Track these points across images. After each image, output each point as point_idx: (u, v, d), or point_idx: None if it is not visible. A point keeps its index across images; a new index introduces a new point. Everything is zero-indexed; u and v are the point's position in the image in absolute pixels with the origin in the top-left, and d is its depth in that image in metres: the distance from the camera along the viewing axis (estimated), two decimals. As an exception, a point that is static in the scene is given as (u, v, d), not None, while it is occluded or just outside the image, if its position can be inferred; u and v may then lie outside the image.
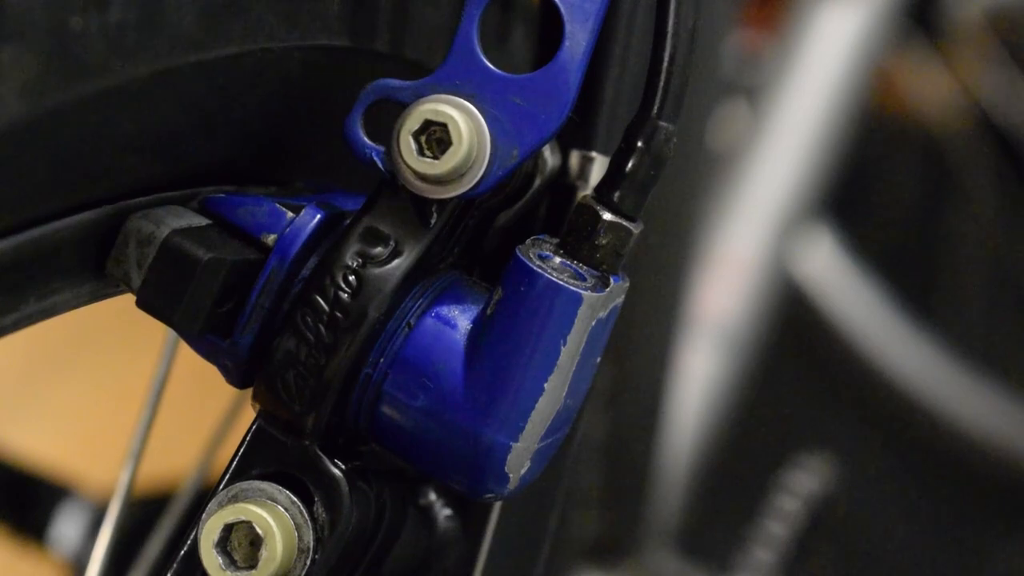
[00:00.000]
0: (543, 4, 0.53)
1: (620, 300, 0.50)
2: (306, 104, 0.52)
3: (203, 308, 0.47)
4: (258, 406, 0.49)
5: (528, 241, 0.49)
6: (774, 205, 1.38)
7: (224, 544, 0.47)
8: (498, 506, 0.56)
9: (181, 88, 0.46)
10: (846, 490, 1.34)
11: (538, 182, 0.54)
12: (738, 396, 1.34)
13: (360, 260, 0.48)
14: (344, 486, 0.48)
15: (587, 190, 0.53)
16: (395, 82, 0.49)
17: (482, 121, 0.47)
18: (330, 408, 0.48)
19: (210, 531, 0.47)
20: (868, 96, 1.51)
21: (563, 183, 0.55)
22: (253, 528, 0.46)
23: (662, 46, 0.49)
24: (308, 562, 0.47)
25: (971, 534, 1.71)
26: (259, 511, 0.47)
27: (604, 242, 0.49)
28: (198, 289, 0.46)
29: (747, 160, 1.40)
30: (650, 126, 0.49)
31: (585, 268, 0.49)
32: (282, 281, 0.48)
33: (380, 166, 0.48)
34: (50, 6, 0.41)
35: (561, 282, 0.47)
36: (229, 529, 0.47)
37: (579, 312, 0.47)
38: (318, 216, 0.48)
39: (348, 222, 0.49)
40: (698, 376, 1.29)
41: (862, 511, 1.64)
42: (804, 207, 1.41)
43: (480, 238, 0.53)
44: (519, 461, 0.48)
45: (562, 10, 0.48)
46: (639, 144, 0.49)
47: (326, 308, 0.48)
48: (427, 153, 0.47)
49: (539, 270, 0.47)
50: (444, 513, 0.55)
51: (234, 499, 0.47)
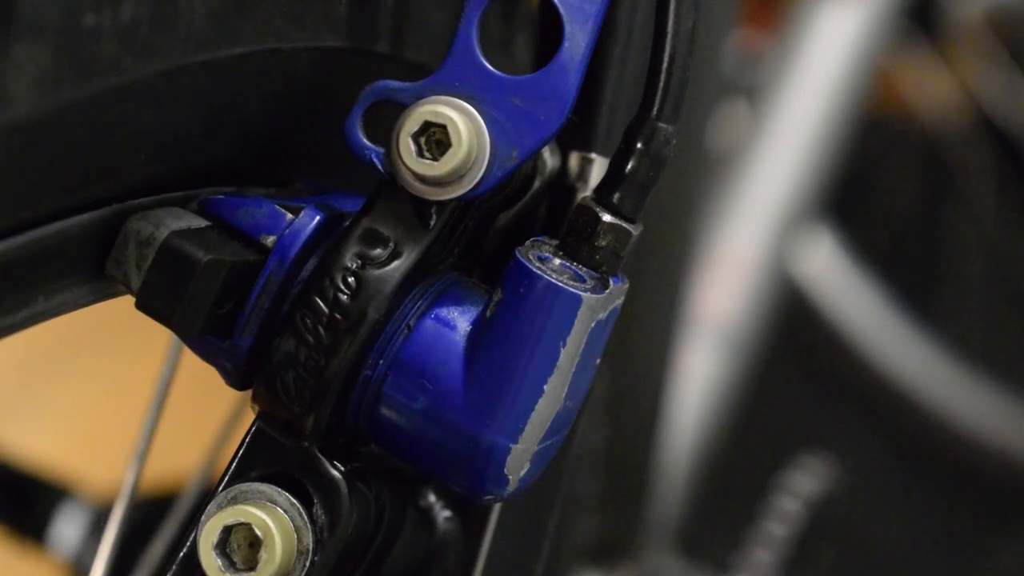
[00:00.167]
0: (543, 5, 0.53)
1: (620, 301, 0.50)
2: (308, 105, 0.52)
3: (202, 309, 0.47)
4: (257, 407, 0.49)
5: (528, 242, 0.49)
6: (774, 205, 1.38)
7: (223, 546, 0.47)
8: (498, 507, 0.56)
9: (190, 87, 0.46)
10: (846, 490, 1.34)
11: (538, 183, 0.54)
12: (738, 396, 1.33)
13: (359, 261, 0.48)
14: (343, 488, 0.48)
15: (587, 191, 0.53)
16: (395, 83, 0.49)
17: (481, 122, 0.47)
18: (329, 409, 0.48)
19: (209, 533, 0.47)
20: (868, 96, 1.50)
21: (563, 184, 0.55)
22: (252, 530, 0.46)
23: (662, 46, 0.49)
24: (307, 564, 0.47)
25: (971, 534, 1.71)
26: (258, 513, 0.47)
27: (604, 243, 0.49)
28: (197, 290, 0.46)
29: (747, 160, 1.40)
30: (650, 127, 0.49)
31: (585, 269, 0.49)
32: (281, 282, 0.48)
33: (379, 167, 0.48)
34: (64, 3, 0.41)
35: (560, 284, 0.47)
36: (228, 531, 0.47)
37: (579, 313, 0.47)
38: (317, 217, 0.48)
39: (347, 223, 0.49)
40: (698, 376, 1.28)
41: (862, 511, 1.64)
42: (804, 207, 1.41)
43: (480, 239, 0.53)
44: (519, 462, 0.48)
45: (562, 11, 0.48)
46: (639, 145, 0.49)
47: (325, 309, 0.48)
48: (426, 154, 0.47)
49: (539, 272, 0.47)
50: (444, 514, 0.54)
51: (233, 501, 0.47)
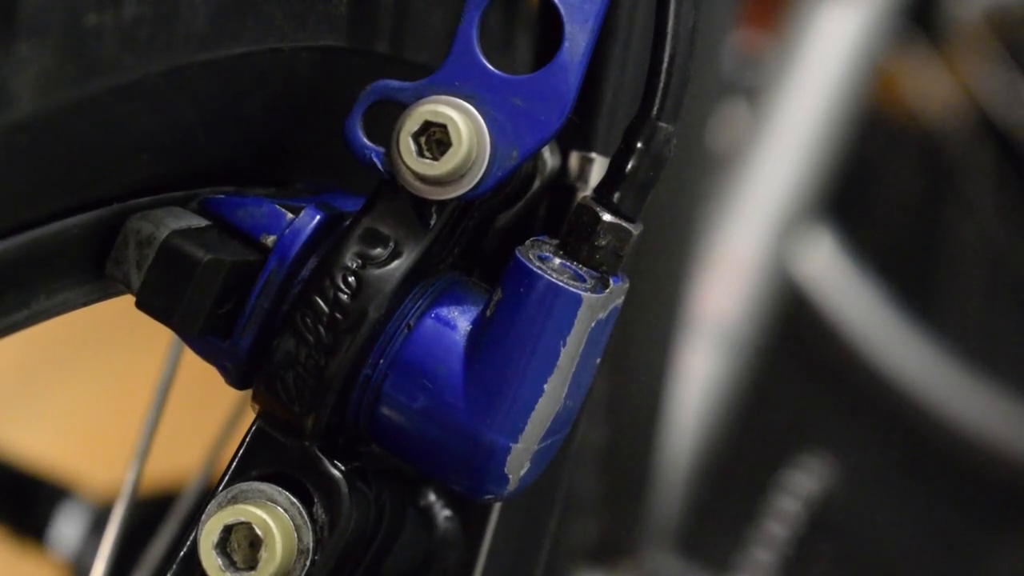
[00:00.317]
0: (543, 5, 0.53)
1: (620, 301, 0.50)
2: (309, 105, 0.52)
3: (202, 309, 0.47)
4: (258, 407, 0.49)
5: (528, 242, 0.49)
6: (774, 205, 1.38)
7: (224, 545, 0.47)
8: (498, 507, 0.56)
9: (190, 87, 0.46)
10: (846, 490, 1.34)
11: (538, 183, 0.54)
12: (738, 396, 1.34)
13: (360, 261, 0.48)
14: (344, 487, 0.48)
15: (587, 191, 0.53)
16: (395, 83, 0.48)
17: (481, 122, 0.47)
18: (330, 409, 0.48)
19: (209, 532, 0.47)
20: (868, 96, 1.50)
21: (563, 184, 0.55)
22: (253, 529, 0.46)
23: (662, 46, 0.49)
24: (307, 563, 0.47)
25: (971, 534, 1.71)
26: (258, 512, 0.47)
27: (604, 243, 0.49)
28: (197, 290, 0.46)
29: (747, 160, 1.40)
30: (650, 127, 0.49)
31: (585, 269, 0.49)
32: (281, 282, 0.48)
33: (380, 167, 0.48)
34: (66, 2, 0.41)
35: (561, 283, 0.47)
36: (228, 530, 0.47)
37: (579, 313, 0.47)
38: (317, 217, 0.48)
39: (348, 223, 0.49)
40: (698, 376, 1.28)
41: (862, 511, 1.64)
42: (804, 207, 1.41)
43: (480, 239, 0.53)
44: (519, 462, 0.48)
45: (562, 11, 0.48)
46: (639, 145, 0.49)
47: (326, 309, 0.48)
48: (427, 154, 0.47)
49: (539, 271, 0.47)
50: (444, 514, 0.54)
51: (233, 500, 0.47)
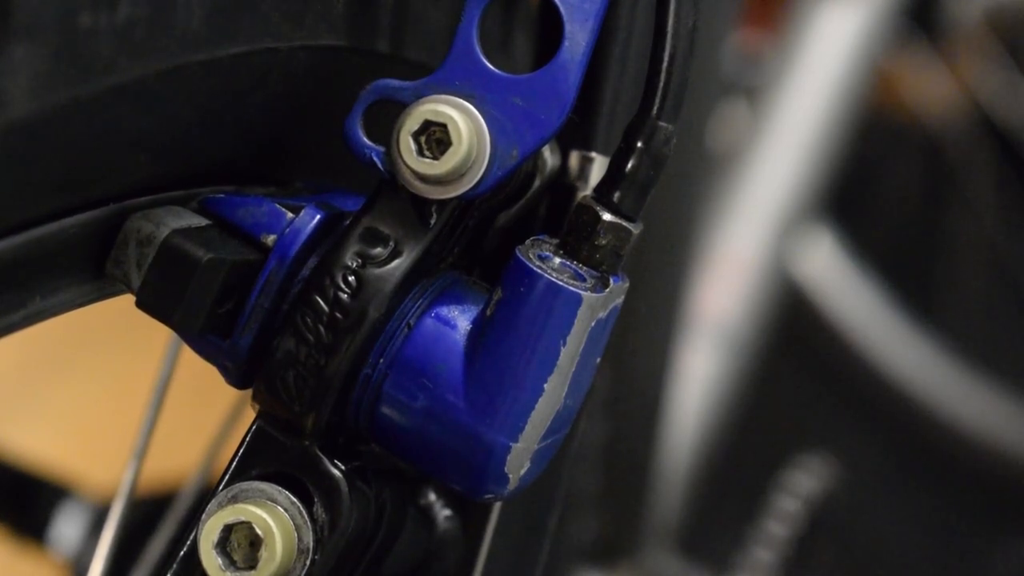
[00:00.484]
0: (542, 4, 0.53)
1: (620, 300, 0.50)
2: (308, 104, 0.52)
3: (202, 308, 0.47)
4: (258, 406, 0.49)
5: (528, 241, 0.49)
6: (774, 205, 1.38)
7: (224, 545, 0.47)
8: (498, 506, 0.56)
9: (187, 87, 0.46)
10: (846, 490, 1.34)
11: (538, 182, 0.54)
12: (738, 396, 1.34)
13: (360, 260, 0.48)
14: (344, 487, 0.48)
15: (587, 190, 0.53)
16: (395, 82, 0.49)
17: (482, 121, 0.47)
18: (330, 408, 0.48)
19: (210, 532, 0.47)
20: (868, 96, 1.50)
21: (563, 183, 0.55)
22: (253, 529, 0.46)
23: (662, 46, 0.49)
24: (308, 563, 0.47)
25: (971, 534, 1.71)
26: (259, 512, 0.47)
27: (604, 242, 0.49)
28: (197, 289, 0.46)
29: (747, 160, 1.40)
30: (650, 126, 0.49)
31: (585, 268, 0.49)
32: (282, 281, 0.48)
33: (380, 166, 0.48)
34: (60, 3, 0.41)
35: (561, 283, 0.47)
36: (229, 530, 0.47)
37: (579, 313, 0.47)
38: (318, 216, 0.48)
39: (348, 222, 0.49)
40: (698, 376, 1.28)
41: (862, 511, 1.64)
42: (804, 207, 1.41)
43: (480, 238, 0.53)
44: (519, 461, 0.48)
45: (562, 10, 0.48)
46: (639, 144, 0.49)
47: (326, 308, 0.48)
48: (427, 153, 0.47)
49: (539, 271, 0.47)
50: (444, 513, 0.54)
51: (234, 500, 0.47)
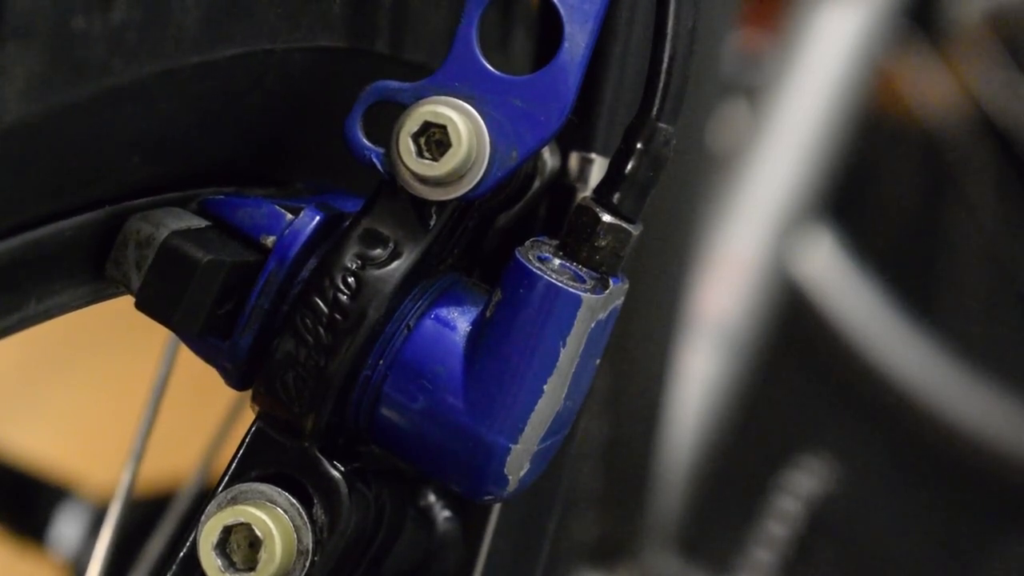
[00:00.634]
0: (542, 5, 0.53)
1: (620, 301, 0.50)
2: (307, 105, 0.52)
3: (202, 310, 0.47)
4: (257, 408, 0.49)
5: (527, 243, 0.49)
6: (774, 205, 1.38)
7: (223, 546, 0.47)
8: (498, 507, 0.56)
9: (183, 89, 0.46)
10: (846, 490, 1.34)
11: (537, 183, 0.54)
12: (738, 396, 1.33)
13: (359, 262, 0.48)
14: (343, 488, 0.48)
15: (587, 191, 0.53)
16: (394, 83, 0.48)
17: (481, 123, 0.47)
18: (329, 409, 0.48)
19: (209, 533, 0.47)
20: (868, 96, 1.50)
21: (563, 184, 0.55)
22: (252, 530, 0.46)
23: (662, 47, 0.49)
24: (307, 564, 0.47)
25: (971, 534, 1.71)
26: (258, 513, 0.47)
27: (603, 243, 0.49)
28: (197, 291, 0.46)
29: (747, 160, 1.40)
30: (649, 127, 0.49)
31: (584, 270, 0.49)
32: (281, 283, 0.48)
33: (379, 168, 0.48)
34: (54, 6, 0.41)
35: (560, 284, 0.47)
36: (228, 531, 0.47)
37: (578, 314, 0.47)
38: (317, 218, 0.48)
39: (347, 224, 0.49)
40: (698, 376, 1.28)
41: (862, 511, 1.64)
42: (804, 207, 1.41)
43: (480, 239, 0.53)
44: (519, 463, 0.48)
45: (561, 11, 0.48)
46: (638, 145, 0.49)
47: (325, 310, 0.48)
48: (426, 155, 0.47)
49: (538, 272, 0.47)
50: (444, 514, 0.54)
51: (233, 501, 0.47)
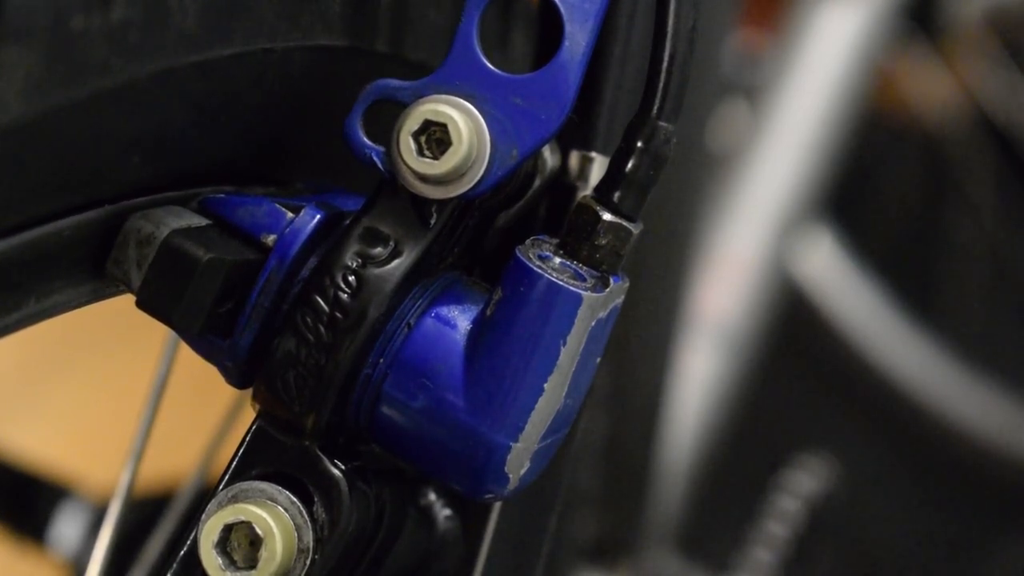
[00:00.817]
0: (542, 4, 0.53)
1: (620, 300, 0.50)
2: (306, 104, 0.52)
3: (203, 308, 0.47)
4: (258, 406, 0.49)
5: (528, 241, 0.49)
6: (774, 205, 1.38)
7: (224, 544, 0.47)
8: (498, 506, 0.56)
9: (182, 88, 0.46)
10: (846, 490, 1.34)
11: (538, 182, 0.54)
12: (738, 396, 1.33)
13: (360, 260, 0.48)
14: (344, 487, 0.48)
15: (587, 190, 0.53)
16: (395, 82, 0.49)
17: (482, 121, 0.47)
18: (330, 408, 0.48)
19: (210, 531, 0.47)
20: (868, 96, 1.50)
21: (563, 183, 0.55)
22: (253, 528, 0.46)
23: (662, 46, 0.49)
24: (308, 562, 0.47)
25: (971, 534, 1.71)
26: (259, 511, 0.47)
27: (604, 242, 0.49)
28: (198, 289, 0.46)
29: (747, 160, 1.40)
30: (650, 126, 0.49)
31: (585, 268, 0.49)
32: (282, 281, 0.48)
33: (380, 166, 0.48)
34: (52, 5, 0.41)
35: (561, 282, 0.47)
36: (229, 529, 0.47)
37: (579, 312, 0.47)
38: (318, 216, 0.48)
39: (348, 222, 0.49)
40: (698, 376, 1.28)
41: (862, 511, 1.64)
42: (804, 207, 1.41)
43: (480, 238, 0.53)
44: (519, 461, 0.48)
45: (562, 10, 0.48)
46: (639, 144, 0.49)
47: (326, 308, 0.48)
48: (427, 153, 0.47)
49: (539, 270, 0.47)
50: (444, 513, 0.54)
51: (234, 499, 0.47)
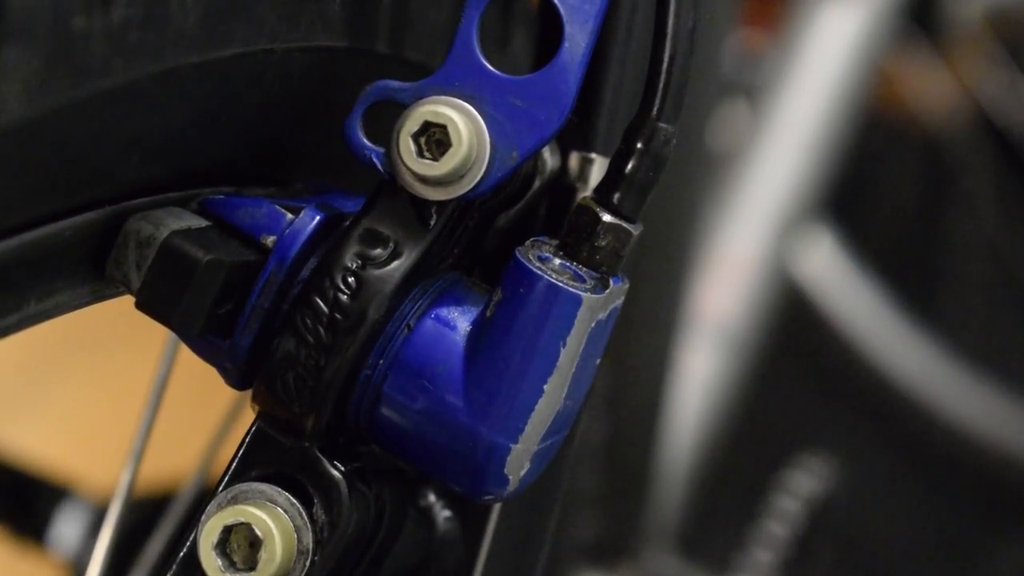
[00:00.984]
0: (542, 5, 0.53)
1: (620, 301, 0.50)
2: (307, 105, 0.52)
3: (202, 309, 0.47)
4: (257, 407, 0.49)
5: (528, 242, 0.49)
6: (774, 205, 1.38)
7: (223, 546, 0.47)
8: (498, 507, 0.56)
9: (183, 89, 0.46)
10: (846, 490, 1.34)
11: (538, 183, 0.54)
12: (738, 396, 1.33)
13: (359, 261, 0.48)
14: (343, 488, 0.48)
15: (587, 191, 0.53)
16: (395, 83, 0.49)
17: (481, 122, 0.47)
18: (329, 409, 0.48)
19: (209, 533, 0.47)
20: (868, 96, 1.50)
21: (563, 184, 0.55)
22: (252, 530, 0.46)
23: (662, 46, 0.49)
24: (307, 563, 0.47)
25: (971, 534, 1.71)
26: (258, 513, 0.47)
27: (604, 243, 0.49)
28: (197, 290, 0.46)
29: (747, 160, 1.40)
30: (649, 127, 0.49)
31: (585, 269, 0.49)
32: (281, 282, 0.48)
33: (379, 167, 0.48)
34: (53, 6, 0.41)
35: (561, 284, 0.47)
36: (228, 531, 0.47)
37: (579, 314, 0.47)
38: (317, 217, 0.48)
39: (347, 223, 0.49)
40: (698, 376, 1.28)
41: (862, 511, 1.64)
42: (804, 207, 1.41)
43: (480, 239, 0.53)
44: (519, 462, 0.48)
45: (561, 11, 0.48)
46: (638, 145, 0.49)
47: (325, 309, 0.48)
48: (426, 155, 0.47)
49: (539, 272, 0.47)
50: (444, 514, 0.54)
51: (233, 501, 0.47)
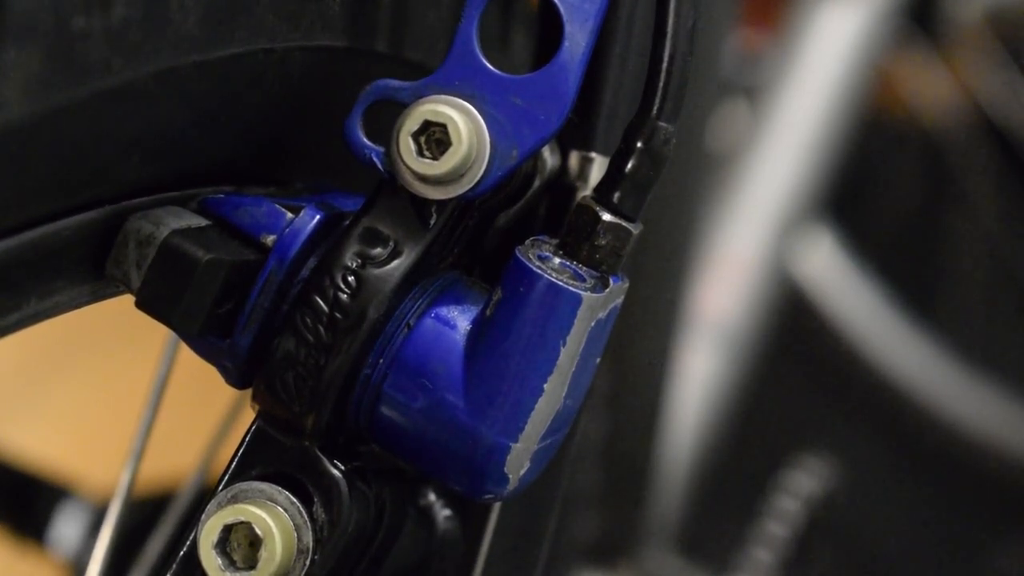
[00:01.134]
0: (542, 5, 0.53)
1: (620, 300, 0.50)
2: (307, 105, 0.52)
3: (202, 309, 0.47)
4: (257, 407, 0.49)
5: (528, 242, 0.49)
6: (774, 205, 1.38)
7: (223, 545, 0.47)
8: (498, 506, 0.56)
9: (182, 88, 0.46)
10: (846, 490, 1.34)
11: (538, 183, 0.54)
12: (738, 396, 1.33)
13: (359, 261, 0.48)
14: (343, 487, 0.48)
15: (587, 191, 0.53)
16: (395, 83, 0.49)
17: (481, 122, 0.47)
18: (329, 409, 0.48)
19: (209, 532, 0.47)
20: (868, 96, 1.50)
21: (563, 183, 0.55)
22: (252, 529, 0.46)
23: (662, 46, 0.49)
24: (307, 562, 0.47)
25: (971, 534, 1.71)
26: (258, 512, 0.47)
27: (603, 243, 0.49)
28: (197, 290, 0.46)
29: (747, 160, 1.40)
30: (649, 127, 0.49)
31: (585, 269, 0.49)
32: (281, 282, 0.48)
33: (379, 167, 0.48)
34: (53, 6, 0.41)
35: (560, 283, 0.47)
36: (228, 530, 0.47)
37: (578, 313, 0.47)
38: (317, 217, 0.48)
39: (347, 223, 0.49)
40: (698, 376, 1.28)
41: (862, 511, 1.64)
42: (804, 207, 1.41)
43: (480, 238, 0.53)
44: (519, 462, 0.48)
45: (561, 11, 0.48)
46: (638, 145, 0.49)
47: (325, 309, 0.48)
48: (426, 154, 0.47)
49: (539, 271, 0.47)
50: (444, 514, 0.54)
51: (233, 500, 0.47)
